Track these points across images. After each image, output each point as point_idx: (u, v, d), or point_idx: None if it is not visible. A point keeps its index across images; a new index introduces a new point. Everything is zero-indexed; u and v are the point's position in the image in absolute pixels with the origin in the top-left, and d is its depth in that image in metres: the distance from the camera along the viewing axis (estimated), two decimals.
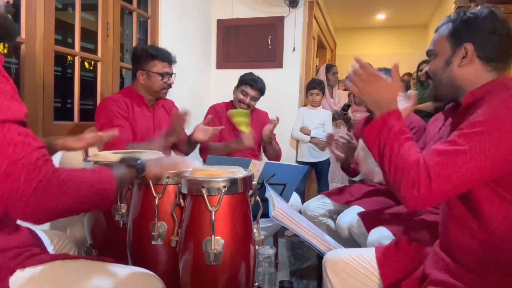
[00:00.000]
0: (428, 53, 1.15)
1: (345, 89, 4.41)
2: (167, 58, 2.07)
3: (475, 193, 0.96)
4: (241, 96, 2.60)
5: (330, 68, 3.87)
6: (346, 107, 3.63)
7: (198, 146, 2.51)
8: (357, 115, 3.78)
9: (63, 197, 0.84)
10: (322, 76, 3.78)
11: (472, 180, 0.91)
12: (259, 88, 2.59)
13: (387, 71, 2.18)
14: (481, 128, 0.90)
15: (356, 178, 2.34)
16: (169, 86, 2.10)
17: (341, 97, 3.98)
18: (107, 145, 1.85)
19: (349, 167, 2.18)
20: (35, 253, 1.02)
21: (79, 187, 0.87)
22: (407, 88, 4.09)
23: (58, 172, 0.84)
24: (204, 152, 2.48)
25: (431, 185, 0.89)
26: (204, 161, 2.39)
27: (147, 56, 2.03)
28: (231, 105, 2.71)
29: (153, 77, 2.03)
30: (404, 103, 1.17)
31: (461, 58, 1.05)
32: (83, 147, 1.44)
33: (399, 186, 0.94)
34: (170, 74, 2.08)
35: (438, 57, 1.10)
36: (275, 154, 2.63)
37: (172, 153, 2.21)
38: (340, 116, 3.68)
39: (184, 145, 2.18)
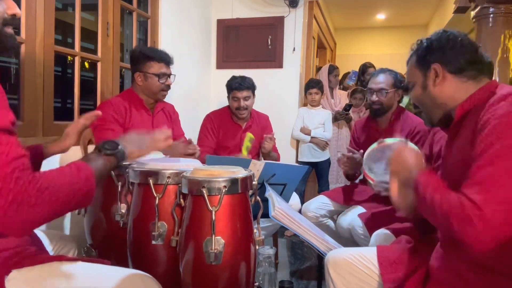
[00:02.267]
0: (407, 85, 1.22)
1: (343, 89, 4.41)
2: (164, 59, 2.06)
3: None
4: (234, 104, 2.62)
5: (332, 70, 3.87)
6: (348, 107, 3.63)
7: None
8: (354, 114, 3.78)
9: (41, 206, 0.81)
10: (324, 77, 3.78)
11: None
12: (247, 87, 2.60)
13: (391, 72, 2.18)
14: (501, 142, 0.88)
15: (356, 181, 2.34)
16: (167, 87, 2.09)
17: (341, 98, 3.98)
18: None
19: (354, 177, 2.19)
20: (32, 253, 1.02)
21: (58, 192, 0.85)
22: (407, 88, 4.08)
23: (35, 180, 0.81)
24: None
25: (483, 214, 0.83)
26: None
27: (144, 57, 2.03)
28: (228, 111, 2.71)
29: (150, 78, 2.03)
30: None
31: (433, 78, 1.12)
32: (75, 140, 1.39)
33: (452, 229, 0.87)
34: (167, 75, 2.07)
35: (415, 86, 1.17)
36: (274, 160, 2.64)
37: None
38: (342, 116, 3.68)
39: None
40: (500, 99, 0.96)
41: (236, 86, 2.59)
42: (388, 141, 1.65)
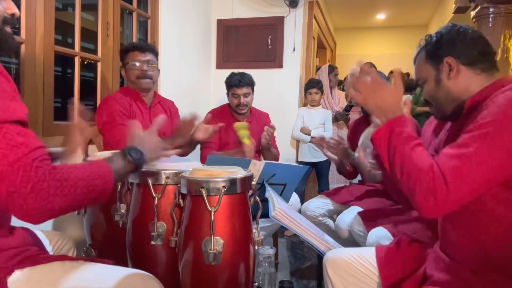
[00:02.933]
0: (418, 82, 1.20)
1: (343, 89, 4.41)
2: (137, 47, 2.06)
3: (480, 196, 0.94)
4: (234, 101, 2.62)
5: (332, 69, 3.88)
6: (348, 108, 3.63)
7: (200, 153, 2.52)
8: (355, 115, 3.78)
9: (60, 196, 0.84)
10: (324, 76, 3.78)
11: (488, 182, 0.89)
12: (246, 83, 2.60)
13: (381, 73, 2.21)
14: (491, 128, 0.90)
15: (355, 180, 2.34)
16: (144, 74, 2.03)
17: (340, 97, 3.98)
18: (107, 145, 1.85)
19: (345, 170, 2.19)
20: (33, 253, 1.02)
21: (76, 184, 0.87)
22: (410, 88, 4.09)
23: (55, 171, 0.84)
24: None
25: (448, 191, 0.87)
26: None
27: (123, 53, 2.08)
28: (228, 108, 2.71)
29: (128, 69, 2.05)
30: None
31: (447, 72, 1.10)
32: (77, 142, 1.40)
33: (413, 194, 0.91)
34: (141, 61, 2.03)
35: (427, 81, 1.15)
36: (272, 158, 2.63)
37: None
38: (343, 117, 3.68)
39: (186, 145, 2.18)
40: (506, 89, 0.97)
41: (236, 83, 2.59)
42: None
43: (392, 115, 1.04)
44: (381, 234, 1.62)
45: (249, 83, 2.62)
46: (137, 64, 2.02)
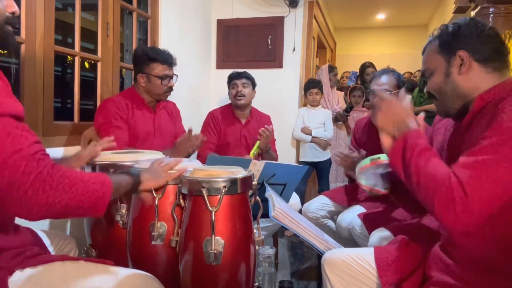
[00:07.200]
0: (424, 73, 1.17)
1: (341, 89, 4.41)
2: (167, 60, 2.06)
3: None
4: (233, 91, 2.66)
5: (332, 69, 3.89)
6: (349, 109, 3.63)
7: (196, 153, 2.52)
8: (354, 114, 3.78)
9: (60, 192, 0.82)
10: (325, 75, 3.77)
11: (509, 190, 0.86)
12: (245, 76, 2.67)
13: (393, 72, 2.15)
14: (510, 134, 0.88)
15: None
16: (170, 89, 2.10)
17: (339, 97, 3.98)
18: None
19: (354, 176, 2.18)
20: (34, 253, 1.02)
21: (77, 184, 0.86)
22: (412, 87, 4.08)
23: (56, 166, 0.84)
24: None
25: (468, 201, 0.83)
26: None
27: (147, 59, 2.03)
28: (229, 108, 2.72)
29: (153, 80, 2.03)
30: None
31: (458, 66, 1.06)
32: (84, 163, 1.41)
33: (432, 205, 0.88)
34: (170, 77, 2.07)
35: (435, 73, 1.12)
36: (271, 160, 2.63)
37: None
38: (344, 118, 3.68)
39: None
40: None
41: (235, 75, 2.68)
42: (384, 158, 1.42)
43: (406, 128, 1.03)
44: (383, 236, 1.62)
45: (249, 77, 2.68)
46: (168, 80, 2.06)
